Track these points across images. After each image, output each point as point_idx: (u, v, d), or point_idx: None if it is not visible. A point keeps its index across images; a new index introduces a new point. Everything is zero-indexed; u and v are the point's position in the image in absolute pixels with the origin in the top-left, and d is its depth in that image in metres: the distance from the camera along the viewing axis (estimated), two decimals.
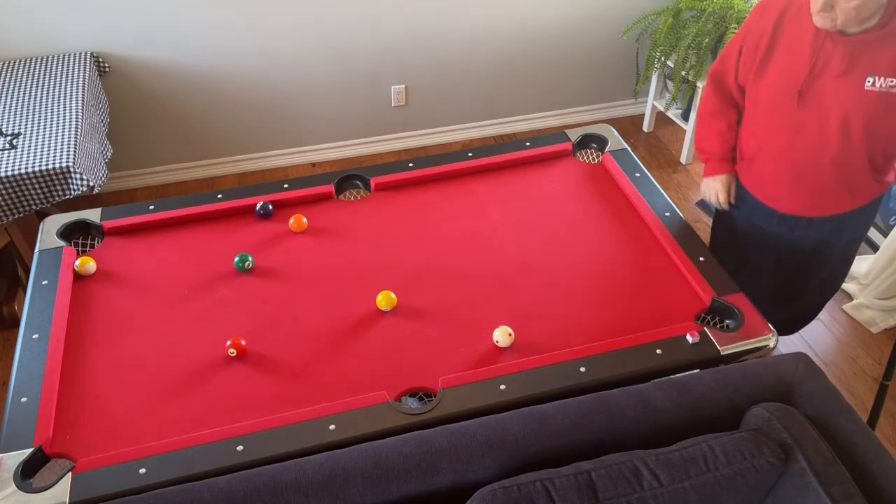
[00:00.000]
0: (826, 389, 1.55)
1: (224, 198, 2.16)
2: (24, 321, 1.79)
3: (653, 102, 3.74)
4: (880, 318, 2.73)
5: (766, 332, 1.71)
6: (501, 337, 1.72)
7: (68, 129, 2.50)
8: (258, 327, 1.81)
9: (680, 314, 1.80)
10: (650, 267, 1.94)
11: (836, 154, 1.74)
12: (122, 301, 1.88)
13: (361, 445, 1.44)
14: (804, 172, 1.82)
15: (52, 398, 1.61)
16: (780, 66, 1.74)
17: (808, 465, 1.38)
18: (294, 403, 1.62)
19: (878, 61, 1.60)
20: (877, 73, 1.60)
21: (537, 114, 3.81)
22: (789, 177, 1.86)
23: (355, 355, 1.73)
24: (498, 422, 1.47)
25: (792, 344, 2.69)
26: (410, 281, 1.92)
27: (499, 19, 3.36)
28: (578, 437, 1.46)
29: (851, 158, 1.75)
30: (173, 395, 1.65)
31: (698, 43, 3.21)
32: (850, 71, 1.63)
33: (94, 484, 1.45)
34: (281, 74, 3.26)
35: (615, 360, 1.66)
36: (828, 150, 1.74)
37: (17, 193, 2.35)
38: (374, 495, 1.37)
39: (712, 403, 1.53)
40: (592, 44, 3.60)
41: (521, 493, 1.30)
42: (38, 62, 2.88)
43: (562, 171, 2.28)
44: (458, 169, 2.26)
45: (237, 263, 1.94)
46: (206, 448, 1.51)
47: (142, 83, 3.13)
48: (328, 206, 2.16)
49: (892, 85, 1.60)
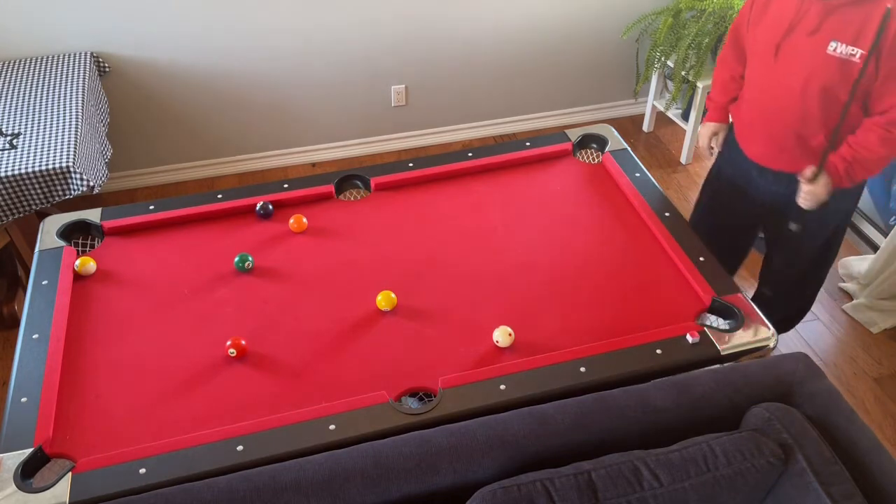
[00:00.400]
0: (826, 389, 1.55)
1: (224, 198, 2.16)
2: (24, 321, 1.79)
3: (653, 102, 3.74)
4: (880, 318, 2.73)
5: (765, 332, 1.71)
6: (501, 337, 1.72)
7: (68, 129, 2.50)
8: (258, 327, 1.81)
9: (680, 314, 1.80)
10: (650, 267, 1.94)
11: (797, 112, 1.81)
12: (122, 301, 1.88)
13: (361, 445, 1.44)
14: (769, 123, 1.91)
15: (52, 398, 1.61)
16: (771, 17, 1.80)
17: (808, 465, 1.38)
18: (294, 403, 1.62)
19: (844, 28, 1.64)
20: (839, 40, 1.65)
21: (537, 114, 3.81)
22: (759, 124, 1.96)
23: (355, 355, 1.73)
24: (498, 422, 1.47)
25: (792, 344, 2.69)
26: (410, 281, 1.92)
27: (499, 20, 3.36)
28: (578, 437, 1.46)
29: (809, 120, 1.81)
30: (173, 395, 1.65)
31: (698, 43, 3.21)
32: (818, 31, 1.67)
33: (94, 484, 1.45)
34: (281, 74, 3.26)
35: (615, 360, 1.66)
36: (790, 106, 1.81)
37: (17, 193, 2.35)
38: (374, 495, 1.37)
39: (712, 403, 1.53)
40: (592, 44, 3.60)
41: (521, 493, 1.30)
42: (38, 62, 2.88)
43: (562, 172, 2.28)
44: (458, 169, 2.26)
45: (237, 263, 1.94)
46: (206, 448, 1.51)
47: (142, 83, 3.13)
48: (328, 206, 2.16)
49: (851, 54, 1.64)
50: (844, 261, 2.95)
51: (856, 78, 1.66)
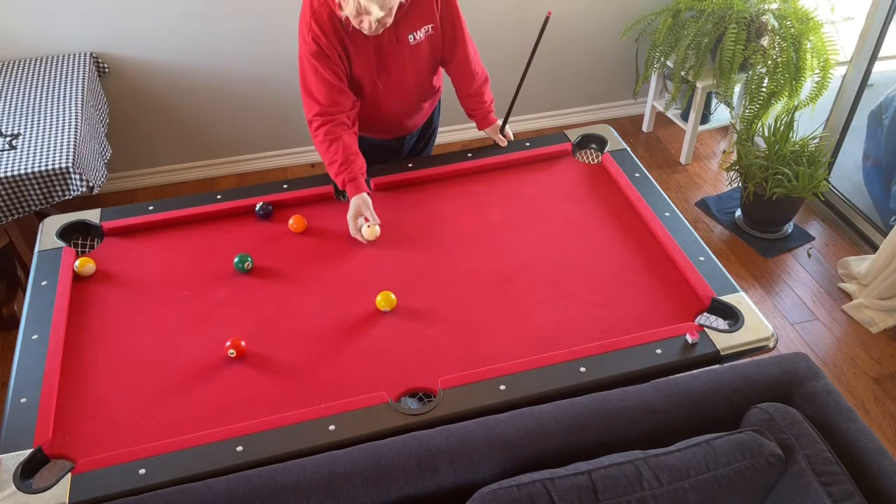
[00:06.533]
0: (826, 389, 1.55)
1: (223, 198, 2.15)
2: (24, 322, 1.79)
3: (652, 102, 3.74)
4: (880, 318, 2.73)
5: (765, 332, 1.71)
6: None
7: (68, 129, 2.50)
8: (258, 327, 1.81)
9: (680, 314, 1.80)
10: (650, 267, 1.94)
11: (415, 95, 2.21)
12: (121, 302, 1.88)
13: (361, 446, 1.44)
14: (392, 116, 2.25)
15: (52, 399, 1.61)
16: (358, 63, 2.02)
17: (808, 465, 1.38)
18: (294, 404, 1.62)
19: (411, 23, 1.98)
20: (413, 31, 1.99)
21: (537, 114, 3.81)
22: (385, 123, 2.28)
23: (355, 356, 1.73)
24: (498, 422, 1.47)
25: (792, 344, 2.69)
26: (410, 281, 1.92)
27: (498, 20, 3.36)
28: (578, 437, 1.46)
29: (424, 92, 2.23)
30: (173, 396, 1.65)
31: (698, 43, 3.21)
32: (400, 40, 1.98)
33: (93, 484, 1.45)
34: (281, 74, 3.26)
35: (615, 360, 1.66)
36: (409, 95, 2.19)
37: (16, 194, 2.35)
38: (373, 496, 1.37)
39: (712, 404, 1.53)
40: (592, 44, 3.60)
41: (520, 493, 1.30)
42: (38, 62, 2.88)
43: (561, 172, 2.28)
44: (457, 169, 2.26)
45: (237, 264, 1.94)
46: (206, 448, 1.51)
47: (141, 83, 3.13)
48: (328, 206, 2.16)
49: (420, 37, 2.01)
50: (844, 261, 2.95)
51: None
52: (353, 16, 1.81)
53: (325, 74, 1.96)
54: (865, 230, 3.09)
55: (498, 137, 2.35)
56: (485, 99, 2.32)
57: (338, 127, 2.03)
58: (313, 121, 2.04)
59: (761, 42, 3.12)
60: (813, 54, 3.04)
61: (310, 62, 1.95)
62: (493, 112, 2.36)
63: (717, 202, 3.33)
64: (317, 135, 2.04)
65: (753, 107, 3.18)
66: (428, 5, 1.98)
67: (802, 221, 3.23)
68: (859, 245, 3.09)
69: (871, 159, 3.22)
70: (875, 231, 3.04)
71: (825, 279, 2.96)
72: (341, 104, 2.02)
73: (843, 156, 3.25)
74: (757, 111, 3.18)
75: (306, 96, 2.03)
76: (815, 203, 3.28)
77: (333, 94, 1.99)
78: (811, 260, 3.04)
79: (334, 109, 2.02)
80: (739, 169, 3.06)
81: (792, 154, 2.94)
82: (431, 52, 2.10)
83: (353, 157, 2.04)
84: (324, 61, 1.94)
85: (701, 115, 3.46)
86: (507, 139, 2.36)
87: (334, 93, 1.99)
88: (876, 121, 3.16)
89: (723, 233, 3.20)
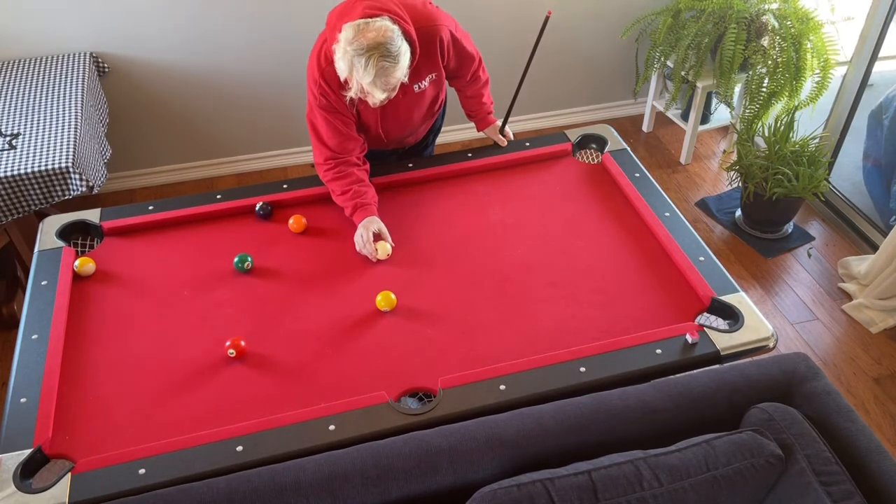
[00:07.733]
0: (826, 389, 1.55)
1: (223, 198, 2.15)
2: (24, 322, 1.79)
3: (652, 102, 3.74)
4: (880, 318, 2.73)
5: (765, 332, 1.71)
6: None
7: (67, 129, 2.50)
8: (258, 327, 1.81)
9: (680, 314, 1.80)
10: (650, 267, 1.94)
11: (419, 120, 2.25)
12: (121, 302, 1.88)
13: (361, 446, 1.44)
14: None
15: (52, 398, 1.61)
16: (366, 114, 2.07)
17: (808, 464, 1.38)
18: (294, 404, 1.62)
19: (417, 75, 2.00)
20: (419, 81, 2.04)
21: (537, 114, 3.81)
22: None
23: (355, 355, 1.73)
24: (498, 422, 1.47)
25: (792, 344, 2.69)
26: (410, 281, 1.92)
27: (497, 20, 3.36)
28: (578, 437, 1.46)
29: (427, 119, 2.28)
30: (173, 396, 1.65)
31: (698, 43, 3.21)
32: (406, 92, 2.03)
33: (93, 484, 1.45)
34: (281, 74, 3.25)
35: (615, 360, 1.66)
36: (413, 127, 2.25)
37: (16, 194, 2.35)
38: (373, 496, 1.37)
39: (712, 404, 1.53)
40: (592, 44, 3.60)
41: (520, 493, 1.30)
42: (38, 62, 2.88)
43: (561, 172, 2.28)
44: (458, 169, 2.26)
45: (237, 264, 1.94)
46: (206, 448, 1.51)
47: (141, 83, 3.13)
48: (328, 206, 2.16)
49: (424, 85, 2.07)
50: (844, 261, 2.95)
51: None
52: (358, 95, 1.87)
53: (334, 123, 2.01)
54: (865, 230, 3.09)
55: (498, 138, 2.36)
56: (484, 101, 2.35)
57: (349, 166, 2.08)
58: (324, 164, 2.08)
59: (761, 42, 3.11)
60: (813, 54, 3.04)
61: (319, 113, 2.00)
62: (492, 113, 2.38)
63: (717, 202, 3.33)
64: (327, 175, 2.09)
65: (753, 107, 3.17)
66: (432, 55, 2.01)
67: (802, 221, 3.23)
68: (859, 245, 3.09)
69: (871, 159, 3.22)
70: (875, 231, 3.04)
71: (825, 279, 2.95)
72: (351, 150, 2.07)
73: (844, 156, 3.25)
74: (757, 111, 3.17)
75: (316, 142, 2.07)
76: (815, 203, 3.28)
77: (343, 141, 2.05)
78: (811, 260, 3.04)
79: (344, 154, 2.07)
80: (739, 169, 3.06)
81: (792, 154, 2.94)
82: (436, 90, 2.17)
83: (364, 188, 2.08)
84: (333, 113, 2.00)
85: (701, 115, 3.46)
86: (507, 139, 2.37)
87: (344, 140, 2.05)
88: (876, 121, 3.16)
89: (723, 233, 3.19)
